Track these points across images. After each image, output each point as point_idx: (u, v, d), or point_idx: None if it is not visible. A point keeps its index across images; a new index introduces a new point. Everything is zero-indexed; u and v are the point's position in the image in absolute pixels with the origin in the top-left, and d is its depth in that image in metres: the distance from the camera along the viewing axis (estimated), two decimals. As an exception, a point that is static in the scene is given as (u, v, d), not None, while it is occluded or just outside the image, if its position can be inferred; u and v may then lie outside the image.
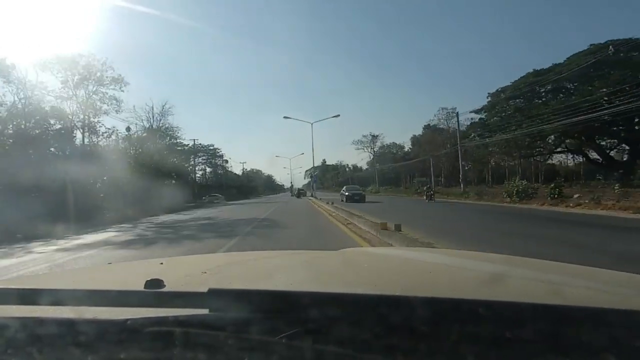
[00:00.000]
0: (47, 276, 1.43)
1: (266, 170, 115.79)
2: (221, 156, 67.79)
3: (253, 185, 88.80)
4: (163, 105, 39.74)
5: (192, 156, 52.72)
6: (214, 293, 0.55)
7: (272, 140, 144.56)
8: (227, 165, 69.92)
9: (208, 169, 66.54)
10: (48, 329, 0.54)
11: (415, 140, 69.57)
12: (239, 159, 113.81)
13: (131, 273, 1.16)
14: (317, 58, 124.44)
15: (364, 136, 79.81)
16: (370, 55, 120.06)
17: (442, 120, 57.27)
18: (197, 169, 60.35)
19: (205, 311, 0.54)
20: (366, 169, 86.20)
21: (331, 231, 8.85)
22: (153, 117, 38.88)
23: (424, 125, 67.80)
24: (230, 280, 1.01)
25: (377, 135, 78.41)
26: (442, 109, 57.19)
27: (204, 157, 63.89)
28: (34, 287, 0.77)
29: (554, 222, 10.28)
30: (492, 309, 0.51)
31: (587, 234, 7.78)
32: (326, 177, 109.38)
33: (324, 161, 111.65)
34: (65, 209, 14.57)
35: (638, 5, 50.17)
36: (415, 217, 12.02)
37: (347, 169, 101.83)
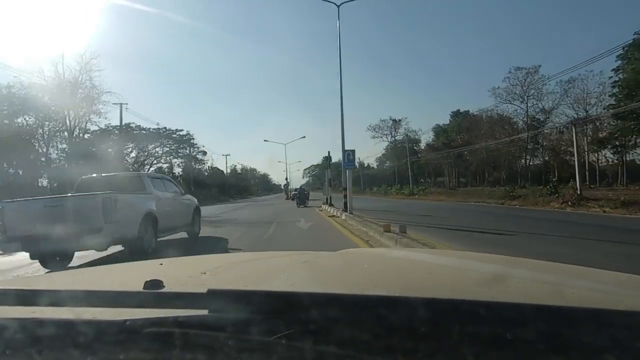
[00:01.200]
0: (45, 277, 1.44)
1: (267, 172, 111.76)
2: (194, 144, 50.27)
3: (244, 185, 77.75)
4: (82, 55, 26.26)
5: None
6: (213, 294, 0.55)
7: (271, 139, 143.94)
8: (204, 158, 54.56)
9: (178, 162, 49.48)
10: (47, 330, 0.53)
11: (440, 130, 56.90)
12: (239, 160, 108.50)
13: (130, 274, 1.16)
14: (316, 57, 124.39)
15: (382, 120, 62.12)
16: (371, 55, 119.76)
17: (516, 87, 39.86)
18: (160, 160, 46.21)
19: (204, 312, 0.53)
20: (373, 166, 72.95)
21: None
22: (64, 70, 24.79)
23: (452, 112, 56.18)
24: (230, 280, 1.01)
25: (399, 120, 60.93)
26: (518, 68, 39.55)
27: (170, 145, 47.49)
28: (33, 288, 0.77)
29: None
30: (492, 310, 0.51)
31: None
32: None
33: (325, 158, 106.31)
34: None
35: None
36: None
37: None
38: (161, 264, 1.14)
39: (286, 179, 50.08)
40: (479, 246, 6.66)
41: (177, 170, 48.63)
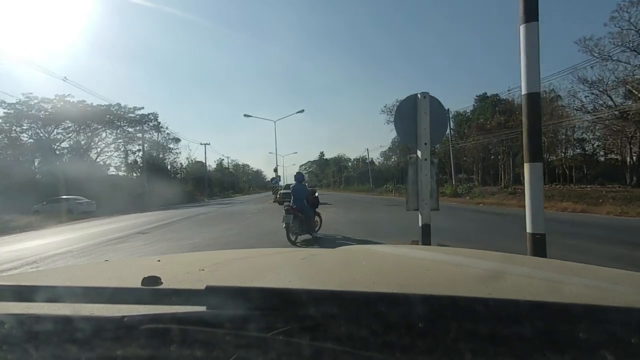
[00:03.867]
0: (43, 273, 1.43)
1: (263, 169, 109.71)
2: (160, 127, 38.94)
3: (231, 181, 69.63)
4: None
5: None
6: (211, 290, 0.55)
7: (267, 136, 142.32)
8: (177, 147, 44.37)
9: (135, 149, 37.34)
10: (44, 325, 0.53)
11: (461, 118, 45.48)
12: (234, 157, 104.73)
13: (128, 270, 1.16)
14: (312, 52, 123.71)
15: (399, 101, 45.60)
16: (367, 50, 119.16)
17: (629, 32, 23.48)
18: (110, 147, 35.84)
19: (202, 308, 0.53)
20: (381, 161, 63.15)
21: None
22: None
23: (477, 97, 46.17)
24: (228, 277, 1.01)
25: None
26: (633, 1, 22.98)
27: (124, 126, 35.72)
28: (31, 283, 0.76)
29: None
30: (489, 306, 0.51)
31: None
32: (325, 172, 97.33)
33: (322, 154, 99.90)
34: None
35: None
36: None
37: (349, 163, 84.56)
38: (159, 261, 1.14)
39: (275, 169, 33.01)
40: None
41: (131, 159, 37.97)
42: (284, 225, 7.59)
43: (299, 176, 8.50)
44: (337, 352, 0.47)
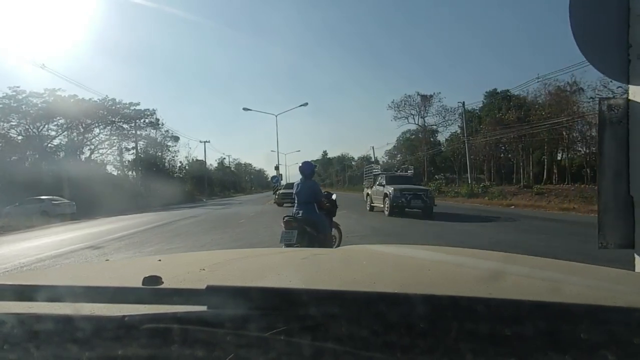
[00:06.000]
0: (44, 272, 1.44)
1: (265, 169, 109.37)
2: (157, 123, 36.91)
3: (232, 180, 69.67)
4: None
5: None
6: (212, 290, 0.55)
7: (269, 135, 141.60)
8: (176, 145, 42.28)
9: (130, 146, 35.47)
10: (45, 325, 0.53)
11: (470, 115, 39.32)
12: (237, 156, 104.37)
13: (129, 269, 1.17)
14: (315, 51, 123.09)
15: (407, 96, 47.91)
16: (369, 48, 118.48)
17: None
18: (104, 145, 34.10)
19: (203, 308, 0.54)
20: (385, 160, 58.42)
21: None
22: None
23: (487, 92, 42.98)
24: (229, 277, 1.01)
25: (430, 96, 46.94)
26: None
27: (118, 122, 33.44)
28: (31, 283, 0.77)
29: None
30: (490, 306, 0.51)
31: None
32: (328, 171, 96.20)
33: (325, 153, 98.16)
34: None
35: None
36: None
37: (352, 162, 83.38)
38: (160, 260, 1.15)
39: (276, 167, 30.87)
40: None
41: (126, 157, 36.29)
42: (282, 247, 4.78)
43: (307, 167, 5.42)
44: (338, 351, 0.47)
